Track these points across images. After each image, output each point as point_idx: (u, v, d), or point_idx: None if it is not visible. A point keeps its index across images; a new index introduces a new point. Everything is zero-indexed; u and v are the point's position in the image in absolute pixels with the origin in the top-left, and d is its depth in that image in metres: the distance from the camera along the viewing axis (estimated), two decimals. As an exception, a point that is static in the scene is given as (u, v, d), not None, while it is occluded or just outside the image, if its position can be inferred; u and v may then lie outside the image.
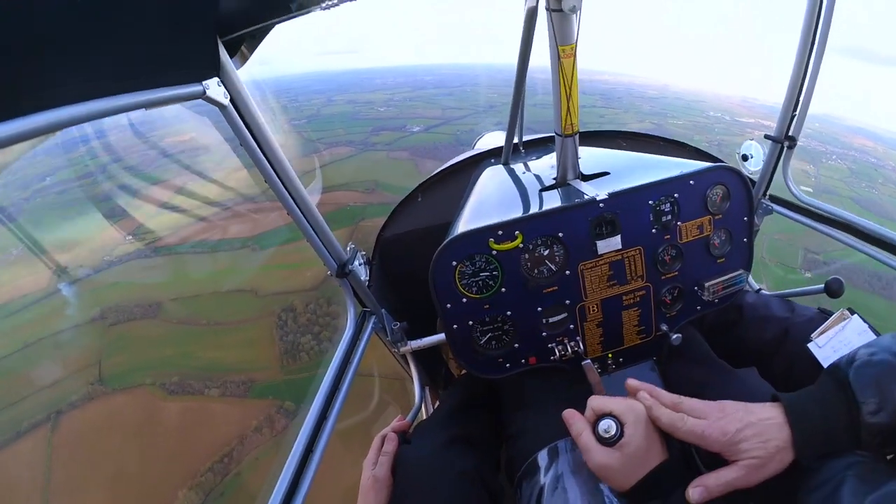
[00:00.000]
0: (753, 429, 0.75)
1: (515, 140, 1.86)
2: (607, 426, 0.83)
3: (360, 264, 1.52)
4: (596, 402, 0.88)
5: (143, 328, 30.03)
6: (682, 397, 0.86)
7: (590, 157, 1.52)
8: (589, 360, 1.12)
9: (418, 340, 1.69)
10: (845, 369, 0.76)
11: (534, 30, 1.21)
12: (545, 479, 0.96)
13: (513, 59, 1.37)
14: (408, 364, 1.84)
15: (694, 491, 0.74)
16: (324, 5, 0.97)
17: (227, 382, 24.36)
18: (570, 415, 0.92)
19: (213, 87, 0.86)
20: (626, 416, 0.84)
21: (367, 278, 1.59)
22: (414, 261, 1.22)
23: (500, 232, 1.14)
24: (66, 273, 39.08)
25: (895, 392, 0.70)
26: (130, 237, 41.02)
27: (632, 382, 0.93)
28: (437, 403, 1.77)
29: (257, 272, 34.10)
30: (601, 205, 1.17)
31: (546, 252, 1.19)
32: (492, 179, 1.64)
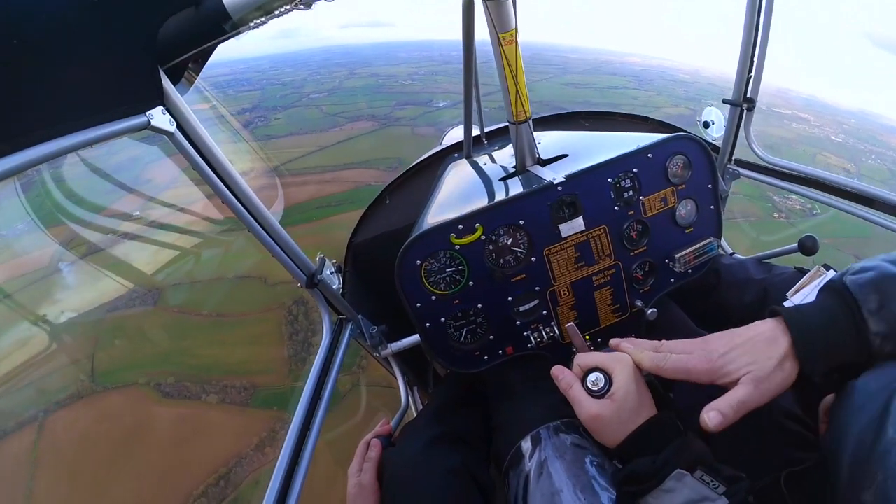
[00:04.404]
0: (741, 349, 0.71)
1: (476, 132, 1.91)
2: (595, 378, 0.83)
3: (330, 273, 1.51)
4: (582, 359, 0.88)
5: (141, 317, 27.29)
6: (663, 341, 0.85)
7: (550, 141, 1.52)
8: (572, 323, 1.07)
9: (398, 343, 1.66)
10: (840, 279, 0.72)
11: (473, 22, 1.22)
12: (530, 466, 0.94)
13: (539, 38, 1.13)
14: (392, 367, 1.80)
15: (709, 415, 0.68)
16: (252, 24, 0.95)
17: (228, 387, 21.29)
18: (558, 370, 0.90)
19: (158, 116, 0.85)
20: (613, 366, 0.83)
21: (340, 286, 1.56)
22: (387, 263, 1.19)
23: (460, 226, 1.14)
24: (68, 250, 36.73)
25: (895, 293, 0.65)
26: (137, 212, 38.28)
27: (615, 340, 0.92)
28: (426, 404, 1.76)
29: (268, 255, 30.83)
30: (559, 188, 1.16)
31: (509, 241, 1.18)
32: (454, 174, 1.65)
